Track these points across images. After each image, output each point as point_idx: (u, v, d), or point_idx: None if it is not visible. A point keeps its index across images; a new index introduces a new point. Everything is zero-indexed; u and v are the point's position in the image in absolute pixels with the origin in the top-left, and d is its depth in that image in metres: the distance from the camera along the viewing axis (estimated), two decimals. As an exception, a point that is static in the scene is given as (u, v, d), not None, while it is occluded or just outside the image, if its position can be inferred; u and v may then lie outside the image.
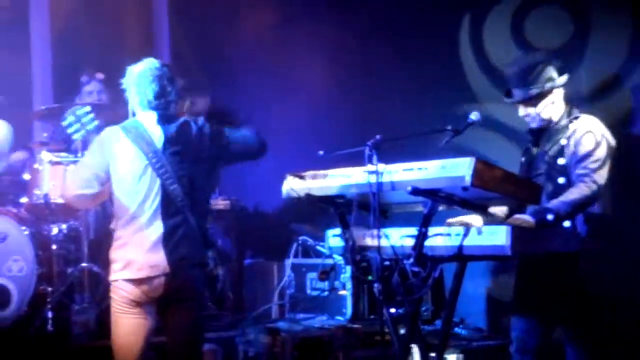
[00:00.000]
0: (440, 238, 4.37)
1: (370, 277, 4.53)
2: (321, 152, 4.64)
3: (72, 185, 4.49)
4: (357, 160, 4.50)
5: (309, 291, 6.48)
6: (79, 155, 6.35)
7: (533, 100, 4.81)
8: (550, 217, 4.49)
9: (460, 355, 5.59)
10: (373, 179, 4.29)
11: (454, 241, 4.36)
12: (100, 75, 6.93)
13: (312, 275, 6.45)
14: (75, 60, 7.41)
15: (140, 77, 4.49)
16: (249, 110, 7.78)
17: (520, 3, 6.95)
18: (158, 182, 4.37)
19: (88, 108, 4.54)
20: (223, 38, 8.33)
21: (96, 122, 4.51)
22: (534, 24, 6.79)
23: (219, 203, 7.14)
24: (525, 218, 4.50)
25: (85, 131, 4.46)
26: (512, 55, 6.39)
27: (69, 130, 4.48)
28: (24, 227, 6.19)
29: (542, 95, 4.79)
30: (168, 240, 4.35)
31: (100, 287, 6.31)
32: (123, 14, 7.99)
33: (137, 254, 4.34)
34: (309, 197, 4.63)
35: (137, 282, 4.33)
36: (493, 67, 7.10)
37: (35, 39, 7.88)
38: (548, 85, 4.78)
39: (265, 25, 8.26)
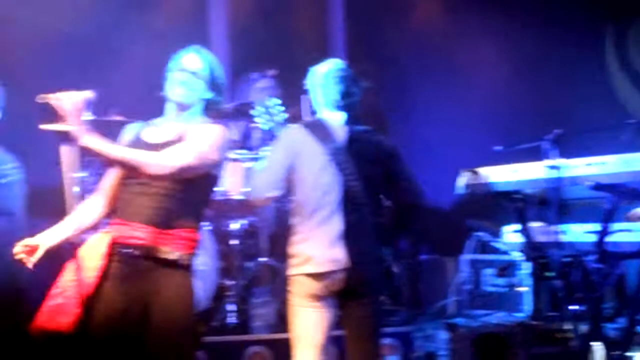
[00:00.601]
0: (623, 234, 4.25)
1: (550, 274, 4.44)
2: (497, 147, 4.58)
3: (264, 187, 4.55)
4: (533, 154, 4.43)
5: (485, 287, 6.41)
6: (257, 152, 6.48)
7: None
8: None
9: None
10: (553, 174, 4.20)
11: (638, 237, 4.22)
12: (271, 72, 7.03)
13: (488, 271, 6.38)
14: (252, 58, 7.56)
15: (326, 78, 4.54)
16: (422, 106, 7.79)
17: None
18: (339, 178, 4.41)
19: (278, 100, 4.61)
20: (394, 34, 8.35)
21: (285, 115, 4.57)
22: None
23: (394, 199, 7.14)
24: None
25: (273, 123, 4.53)
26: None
27: (257, 120, 4.56)
28: (205, 223, 6.37)
29: None
30: (348, 236, 4.38)
31: (279, 281, 6.43)
32: (298, 13, 8.09)
33: (317, 249, 4.40)
34: (485, 192, 4.58)
35: (318, 276, 4.39)
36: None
37: (214, 37, 8.10)
38: None
39: (437, 19, 8.24)
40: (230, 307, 6.26)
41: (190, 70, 4.19)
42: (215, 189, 4.20)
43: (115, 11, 7.33)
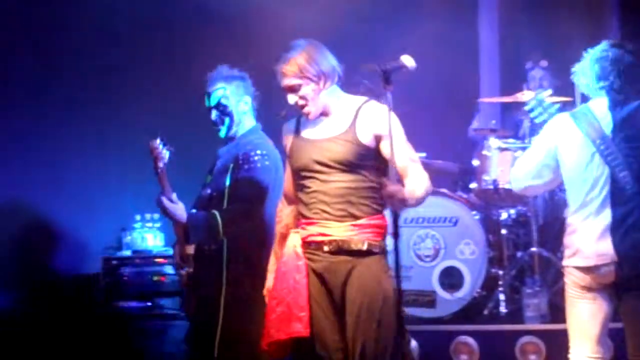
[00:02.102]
0: None
1: None
2: None
3: (522, 176, 4.54)
4: None
5: None
6: (527, 141, 6.44)
7: None
8: None
9: None
10: None
11: None
12: (544, 63, 6.95)
13: None
14: (522, 49, 7.48)
15: (591, 61, 4.43)
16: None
17: None
18: (607, 169, 4.28)
19: (549, 91, 4.56)
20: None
21: (557, 106, 4.52)
22: None
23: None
24: None
25: (547, 115, 4.48)
26: None
27: (532, 115, 4.52)
28: (474, 212, 6.41)
29: None
30: (617, 229, 4.25)
31: (550, 272, 6.36)
32: (571, 3, 7.90)
33: (585, 242, 4.32)
34: None
35: (585, 269, 4.32)
36: None
37: (483, 27, 8.09)
38: None
39: None
40: (501, 296, 6.26)
41: (288, 85, 4.17)
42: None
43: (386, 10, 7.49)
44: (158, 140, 4.75)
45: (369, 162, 4.13)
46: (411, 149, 4.18)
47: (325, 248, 4.11)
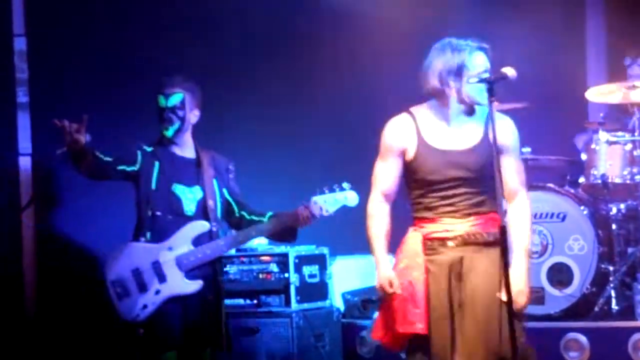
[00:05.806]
0: None
1: None
2: None
3: None
4: None
5: None
6: (637, 134, 6.30)
7: None
8: None
9: None
10: None
11: None
12: None
13: None
14: (630, 44, 7.31)
15: None
16: None
17: None
18: None
19: None
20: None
21: None
22: None
23: None
24: None
25: None
26: None
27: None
28: (582, 207, 6.30)
29: None
30: None
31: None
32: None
33: None
34: None
35: None
36: None
37: (590, 22, 7.93)
38: None
39: None
40: (612, 292, 6.13)
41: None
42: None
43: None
44: None
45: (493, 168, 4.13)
46: (522, 167, 4.20)
47: (450, 243, 4.10)
